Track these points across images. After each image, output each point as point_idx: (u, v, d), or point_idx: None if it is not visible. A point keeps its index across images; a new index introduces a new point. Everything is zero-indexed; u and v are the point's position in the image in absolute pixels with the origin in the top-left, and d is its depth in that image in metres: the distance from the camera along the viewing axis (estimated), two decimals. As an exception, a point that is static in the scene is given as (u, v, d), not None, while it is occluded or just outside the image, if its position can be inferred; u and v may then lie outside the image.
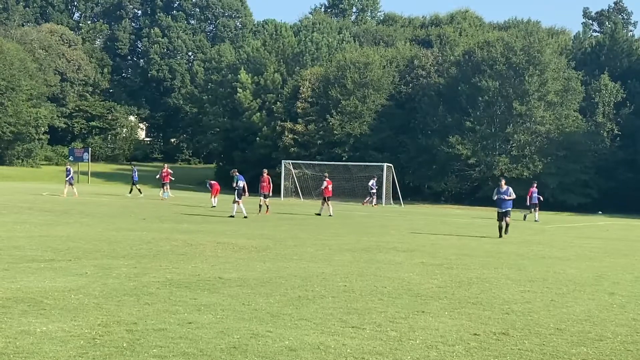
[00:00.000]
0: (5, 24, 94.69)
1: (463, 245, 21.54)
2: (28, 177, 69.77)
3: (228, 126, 75.57)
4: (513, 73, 62.44)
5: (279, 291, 11.20)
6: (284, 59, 75.50)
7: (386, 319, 9.38)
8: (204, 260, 14.87)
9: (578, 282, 13.71)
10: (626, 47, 69.67)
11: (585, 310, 10.64)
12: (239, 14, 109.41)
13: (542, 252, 20.19)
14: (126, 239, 18.57)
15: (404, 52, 73.12)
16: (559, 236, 27.67)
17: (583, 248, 22.35)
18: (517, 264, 16.64)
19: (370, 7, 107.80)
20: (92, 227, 21.96)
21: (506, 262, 16.94)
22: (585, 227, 35.82)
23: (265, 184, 34.24)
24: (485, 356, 7.60)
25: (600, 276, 14.83)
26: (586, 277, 14.65)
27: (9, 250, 14.98)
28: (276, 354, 7.30)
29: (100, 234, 19.81)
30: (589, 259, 18.60)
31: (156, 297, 10.22)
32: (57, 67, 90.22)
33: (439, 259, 17.01)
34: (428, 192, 64.71)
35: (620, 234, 30.96)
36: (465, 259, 17.10)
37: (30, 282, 11.03)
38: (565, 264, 17.12)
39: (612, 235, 29.80)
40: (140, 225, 23.86)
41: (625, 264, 17.82)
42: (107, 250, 15.89)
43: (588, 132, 62.65)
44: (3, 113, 78.31)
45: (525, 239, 25.13)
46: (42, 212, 28.23)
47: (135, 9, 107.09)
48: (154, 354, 7.08)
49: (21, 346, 7.16)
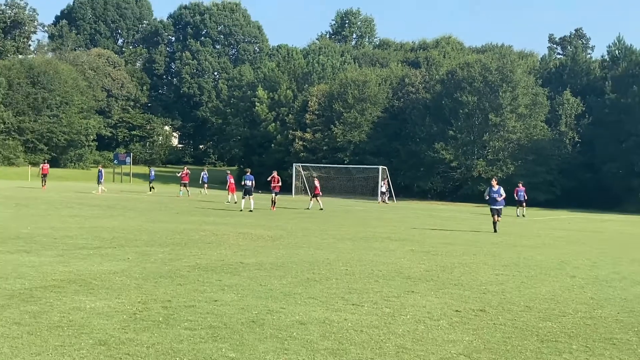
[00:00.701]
0: (61, 48, 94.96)
1: (446, 235, 21.51)
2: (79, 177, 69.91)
3: (247, 135, 75.76)
4: (489, 89, 62.41)
5: (290, 274, 11.21)
6: (294, 78, 75.57)
7: (381, 297, 9.38)
8: (228, 247, 14.89)
9: (544, 267, 13.69)
10: (585, 68, 69.68)
11: (550, 291, 10.62)
12: (257, 40, 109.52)
13: (513, 241, 20.16)
14: (162, 229, 18.61)
15: (397, 72, 73.10)
16: (528, 228, 27.62)
17: (548, 238, 22.32)
18: (493, 251, 16.62)
19: (368, 34, 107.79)
20: (133, 220, 22.01)
21: (483, 249, 16.92)
22: (550, 220, 35.75)
23: (275, 183, 34.12)
24: (465, 329, 7.59)
25: (563, 262, 14.81)
26: (551, 262, 14.63)
27: (63, 239, 15.03)
28: (288, 327, 7.30)
29: (140, 225, 19.85)
30: (553, 247, 18.57)
31: (187, 279, 10.24)
32: (104, 85, 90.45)
33: (426, 247, 17.00)
34: (417, 190, 64.67)
35: (580, 226, 30.89)
36: (449, 247, 17.08)
37: (81, 266, 11.07)
38: (534, 251, 17.10)
39: (573, 227, 29.73)
40: (174, 218, 23.92)
41: (584, 251, 17.79)
42: (146, 239, 15.92)
43: (553, 139, 62.68)
44: (58, 124, 78.61)
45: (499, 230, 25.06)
46: (91, 207, 28.30)
47: (170, 36, 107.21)
48: (185, 326, 7.09)
49: (73, 320, 7.18)
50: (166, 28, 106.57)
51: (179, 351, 6.15)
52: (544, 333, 7.59)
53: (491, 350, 6.71)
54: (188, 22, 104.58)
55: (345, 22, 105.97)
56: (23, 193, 37.71)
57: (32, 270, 10.45)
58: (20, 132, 77.23)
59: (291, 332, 7.08)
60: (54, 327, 6.86)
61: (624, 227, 31.35)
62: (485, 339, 7.19)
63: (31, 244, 13.96)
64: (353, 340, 6.86)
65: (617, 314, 8.90)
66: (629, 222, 36.92)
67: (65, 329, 6.77)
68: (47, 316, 7.32)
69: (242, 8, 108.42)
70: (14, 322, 6.96)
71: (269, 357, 6.11)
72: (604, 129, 60.89)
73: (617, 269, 13.80)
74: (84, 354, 5.93)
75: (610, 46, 69.85)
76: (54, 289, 8.91)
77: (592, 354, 6.76)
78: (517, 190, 38.31)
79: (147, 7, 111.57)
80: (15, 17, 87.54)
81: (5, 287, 8.95)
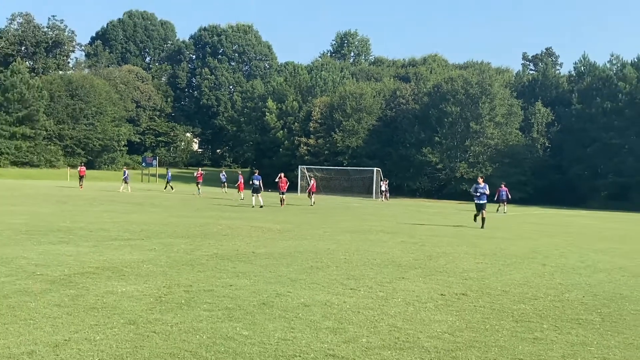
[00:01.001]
0: (96, 65, 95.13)
1: (433, 229, 21.50)
2: (112, 178, 69.93)
3: (259, 140, 75.77)
4: (470, 101, 62.38)
5: (296, 262, 11.21)
6: (300, 91, 75.57)
7: (376, 283, 9.38)
8: (241, 239, 14.89)
9: (519, 256, 13.67)
10: (554, 82, 69.68)
11: (524, 277, 10.61)
12: (267, 58, 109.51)
13: (492, 233, 20.13)
14: (184, 223, 18.62)
15: (389, 86, 73.07)
16: (504, 222, 27.58)
17: (522, 231, 22.28)
18: (473, 242, 16.60)
19: (364, 52, 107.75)
20: (158, 215, 22.03)
21: (465, 240, 16.90)
22: (524, 216, 35.68)
23: (283, 184, 33.44)
24: (449, 311, 7.59)
25: (535, 252, 14.78)
26: (524, 252, 14.60)
27: (98, 232, 15.05)
28: (294, 308, 7.30)
29: (165, 219, 19.87)
30: (526, 239, 18.54)
31: (206, 267, 10.25)
32: (134, 97, 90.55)
33: (415, 238, 16.98)
34: (407, 189, 64.66)
35: (550, 220, 30.84)
36: (435, 239, 17.06)
37: (113, 255, 11.08)
38: (509, 242, 17.07)
39: (543, 221, 29.68)
40: (194, 213, 23.93)
41: (553, 242, 17.75)
42: (170, 231, 15.93)
43: (526, 144, 62.64)
44: (94, 131, 78.75)
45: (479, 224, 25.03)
46: (122, 203, 28.34)
47: (191, 54, 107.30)
48: (204, 308, 7.10)
49: (107, 302, 7.19)
50: (188, 47, 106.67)
51: (199, 329, 6.16)
52: (518, 314, 7.58)
53: (472, 329, 6.71)
54: (207, 42, 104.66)
55: (344, 42, 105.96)
56: (62, 192, 37.76)
57: (71, 259, 10.47)
58: (60, 138, 77.41)
59: (297, 313, 7.08)
60: (89, 308, 6.87)
61: (589, 222, 31.29)
62: (467, 319, 7.19)
63: (70, 236, 13.98)
64: (351, 320, 6.87)
65: (582, 298, 8.89)
66: (594, 217, 36.86)
67: (100, 310, 6.79)
68: (83, 299, 7.33)
69: (254, 30, 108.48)
70: (55, 304, 6.98)
71: (278, 334, 6.12)
72: (571, 135, 60.90)
73: (582, 258, 13.77)
74: (116, 332, 5.94)
75: (577, 63, 69.88)
76: (89, 275, 8.92)
77: (561, 333, 6.76)
78: (500, 190, 37.50)
79: (171, 29, 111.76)
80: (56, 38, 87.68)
81: (47, 273, 8.97)
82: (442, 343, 6.09)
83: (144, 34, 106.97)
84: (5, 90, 72.21)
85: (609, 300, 8.79)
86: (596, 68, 65.88)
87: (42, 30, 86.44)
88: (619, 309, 8.19)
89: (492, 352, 5.87)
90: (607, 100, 58.74)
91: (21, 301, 7.08)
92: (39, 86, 74.67)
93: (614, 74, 61.72)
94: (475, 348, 5.98)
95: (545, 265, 12.36)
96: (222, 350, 5.51)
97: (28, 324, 6.12)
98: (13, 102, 71.75)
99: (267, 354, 5.48)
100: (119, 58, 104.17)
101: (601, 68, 65.07)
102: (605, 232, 23.64)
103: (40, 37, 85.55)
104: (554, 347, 6.17)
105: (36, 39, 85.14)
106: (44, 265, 9.71)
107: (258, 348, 5.63)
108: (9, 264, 9.70)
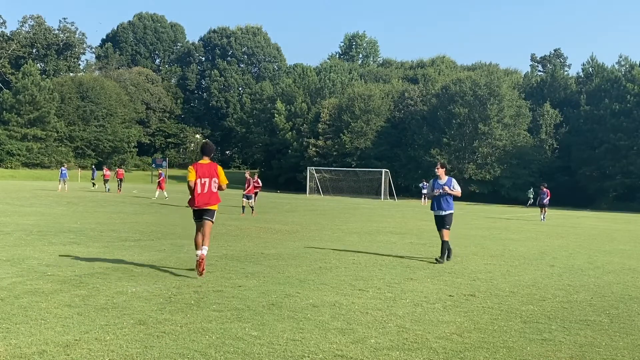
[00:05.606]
0: (106, 67, 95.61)
1: (441, 229, 21.41)
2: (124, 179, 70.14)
3: (268, 142, 75.89)
4: (478, 102, 62.18)
5: (304, 263, 11.20)
6: (309, 92, 75.61)
7: (384, 283, 9.36)
8: (250, 240, 14.90)
9: (526, 257, 13.61)
10: (563, 83, 69.30)
11: (532, 278, 10.56)
12: (276, 59, 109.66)
13: (500, 235, 20.07)
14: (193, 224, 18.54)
15: (397, 87, 72.98)
16: (513, 223, 27.48)
17: (530, 232, 22.19)
18: (481, 243, 16.55)
19: (372, 54, 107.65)
20: (168, 216, 22.09)
21: (473, 242, 16.85)
22: (532, 217, 35.50)
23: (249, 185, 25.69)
24: (457, 312, 7.56)
25: (543, 253, 14.71)
26: (533, 253, 14.54)
27: (108, 233, 15.11)
28: (303, 309, 7.30)
29: (174, 220, 19.92)
30: (535, 240, 18.45)
31: (215, 267, 10.26)
32: (144, 99, 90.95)
33: (423, 239, 16.94)
34: (415, 190, 64.42)
35: (558, 222, 30.68)
36: (443, 240, 16.99)
37: (123, 256, 11.12)
38: (517, 243, 17.00)
39: (551, 223, 29.54)
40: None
41: (561, 243, 17.67)
42: (179, 232, 15.97)
43: (534, 146, 62.35)
44: (104, 132, 79.19)
45: (488, 225, 25.00)
46: (132, 204, 28.45)
47: (200, 56, 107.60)
48: (213, 308, 7.11)
49: (117, 302, 7.22)
50: (197, 49, 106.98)
51: (208, 330, 6.17)
52: (526, 315, 7.54)
53: (480, 330, 6.68)
54: (216, 44, 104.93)
55: (353, 44, 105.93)
56: (73, 193, 37.96)
57: (81, 259, 10.52)
58: (71, 140, 77.88)
59: (306, 313, 7.08)
60: (100, 308, 6.89)
61: (597, 223, 31.10)
62: (475, 320, 7.16)
63: (80, 236, 14.04)
64: (359, 321, 6.85)
65: (590, 299, 8.83)
66: (602, 219, 36.64)
67: (110, 310, 6.81)
68: (94, 299, 7.36)
69: (263, 32, 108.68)
70: (65, 305, 7.01)
71: (286, 335, 6.12)
72: (579, 137, 60.55)
73: (591, 259, 13.69)
74: (126, 332, 5.96)
75: (585, 64, 69.52)
76: (100, 276, 8.96)
77: (569, 334, 6.72)
78: (541, 194, 31.48)
79: (181, 31, 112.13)
80: (67, 40, 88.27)
81: (58, 274, 9.01)
82: (450, 344, 6.07)
83: (154, 36, 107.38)
84: (16, 92, 72.76)
85: (618, 301, 8.73)
86: (604, 69, 65.52)
87: (53, 33, 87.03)
88: (628, 310, 8.13)
89: (500, 353, 5.84)
90: (615, 102, 58.40)
91: (32, 301, 7.12)
92: (50, 88, 75.17)
93: (622, 75, 61.35)
94: (484, 349, 5.96)
95: (553, 266, 12.29)
96: (231, 351, 5.52)
97: (39, 323, 6.15)
98: (24, 104, 72.28)
99: (276, 355, 5.48)
100: (129, 60, 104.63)
101: (609, 69, 64.70)
102: (614, 233, 23.49)
103: (51, 40, 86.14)
104: (562, 348, 6.14)
105: (47, 41, 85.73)
106: (55, 265, 9.76)
107: (267, 348, 5.64)
108: (20, 264, 9.76)
